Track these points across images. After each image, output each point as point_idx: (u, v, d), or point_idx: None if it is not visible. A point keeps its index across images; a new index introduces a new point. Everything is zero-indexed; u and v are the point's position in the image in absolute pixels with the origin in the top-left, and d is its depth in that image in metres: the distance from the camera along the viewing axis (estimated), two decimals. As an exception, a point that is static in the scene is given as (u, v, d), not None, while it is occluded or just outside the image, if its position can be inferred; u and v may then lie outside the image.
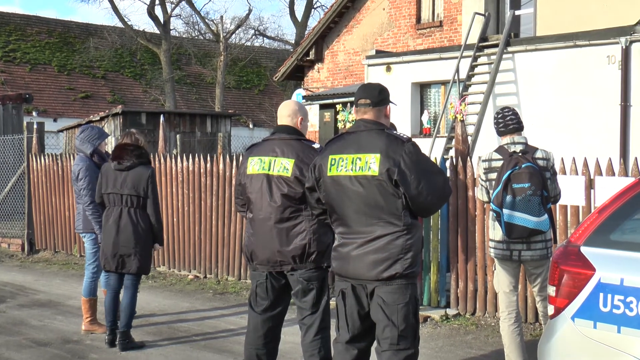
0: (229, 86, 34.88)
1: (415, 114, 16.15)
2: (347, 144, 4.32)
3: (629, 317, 3.56)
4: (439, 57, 15.54)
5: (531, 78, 13.99)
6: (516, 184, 5.40)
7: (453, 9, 18.56)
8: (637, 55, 12.57)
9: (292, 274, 4.94)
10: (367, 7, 20.51)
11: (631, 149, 12.46)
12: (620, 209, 3.94)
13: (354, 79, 20.76)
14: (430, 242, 8.00)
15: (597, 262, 3.78)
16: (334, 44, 21.45)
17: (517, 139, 5.64)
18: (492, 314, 7.54)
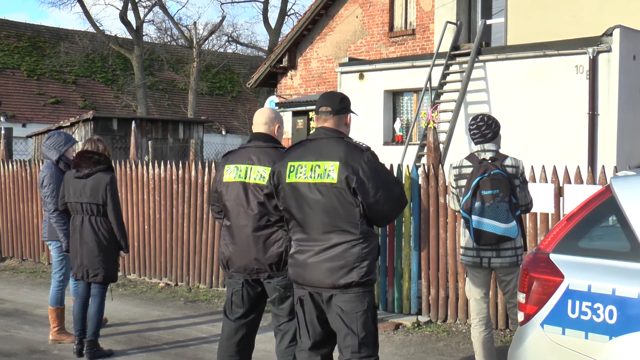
0: (202, 92, 34.78)
1: (387, 121, 16.22)
2: (307, 151, 4.34)
3: (596, 323, 3.60)
4: (412, 65, 15.63)
5: (502, 86, 14.12)
6: (485, 191, 5.45)
7: (425, 18, 18.69)
8: (604, 65, 12.74)
9: (269, 281, 4.93)
10: (340, 14, 20.59)
11: (599, 157, 12.61)
12: (588, 216, 3.98)
13: (327, 86, 20.80)
14: (402, 249, 8.03)
15: (566, 269, 3.82)
16: (307, 51, 21.49)
17: (487, 146, 5.69)
18: (463, 321, 7.58)
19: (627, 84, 12.86)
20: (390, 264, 8.14)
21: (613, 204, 3.86)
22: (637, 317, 3.49)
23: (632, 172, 4.28)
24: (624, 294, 3.55)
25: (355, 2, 20.20)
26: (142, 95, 31.80)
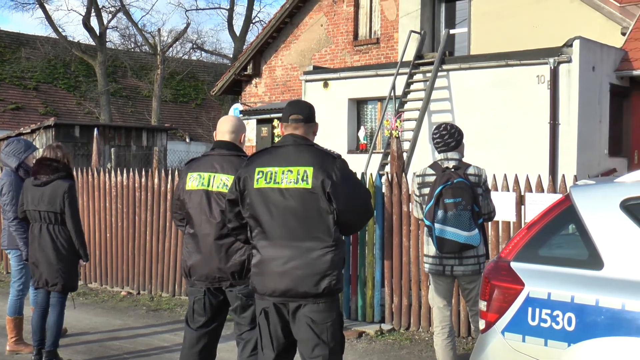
0: (166, 100, 34.55)
1: (352, 129, 16.27)
2: (277, 157, 4.26)
3: (555, 330, 3.64)
4: (376, 73, 15.71)
5: (465, 95, 14.25)
6: (448, 199, 5.49)
7: (390, 27, 18.80)
8: (564, 75, 12.93)
9: (231, 290, 4.91)
10: (305, 23, 20.63)
11: (560, 166, 12.79)
12: (548, 225, 4.02)
13: (291, 94, 20.81)
14: (366, 257, 8.04)
15: (526, 277, 3.85)
16: (272, 59, 21.49)
17: (450, 155, 5.73)
18: (426, 329, 7.61)
19: (587, 94, 13.07)
20: (354, 272, 8.15)
21: (572, 213, 3.91)
22: (594, 323, 3.53)
23: (591, 181, 4.34)
24: (582, 301, 3.60)
25: (320, 11, 20.27)
26: (105, 102, 31.49)
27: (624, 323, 3.47)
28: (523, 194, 7.09)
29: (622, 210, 3.72)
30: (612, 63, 13.94)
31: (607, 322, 3.51)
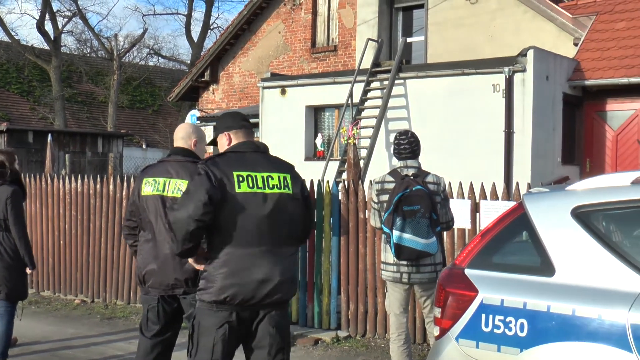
0: (122, 105, 34.21)
1: (309, 137, 16.28)
2: (248, 162, 4.16)
3: (508, 336, 3.68)
4: (333, 81, 15.75)
5: (422, 103, 14.35)
6: (406, 206, 5.53)
7: (347, 35, 18.88)
8: (519, 84, 13.10)
9: (184, 297, 4.88)
10: (263, 30, 20.61)
11: (514, 173, 12.95)
12: (502, 232, 4.07)
13: (249, 101, 20.76)
14: (322, 265, 8.05)
15: (480, 283, 3.89)
16: (230, 65, 21.43)
17: (410, 162, 5.79)
18: (382, 336, 7.64)
19: (541, 103, 13.26)
20: (310, 279, 8.15)
21: (525, 220, 3.96)
22: (546, 329, 3.58)
23: (544, 189, 4.40)
24: (534, 308, 3.64)
25: (278, 18, 20.27)
26: (59, 108, 31.04)
27: (574, 328, 3.52)
28: (478, 201, 7.17)
29: (573, 218, 3.78)
30: (565, 73, 14.17)
31: (558, 327, 3.56)
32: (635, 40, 14.40)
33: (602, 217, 3.85)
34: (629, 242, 3.85)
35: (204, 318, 4.10)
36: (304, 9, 19.76)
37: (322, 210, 8.08)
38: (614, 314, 3.44)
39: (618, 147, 14.33)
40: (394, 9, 18.28)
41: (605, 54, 14.43)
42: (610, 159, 14.41)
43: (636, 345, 3.35)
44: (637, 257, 3.61)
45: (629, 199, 3.76)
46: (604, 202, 3.80)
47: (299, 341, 7.65)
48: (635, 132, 14.06)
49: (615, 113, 14.39)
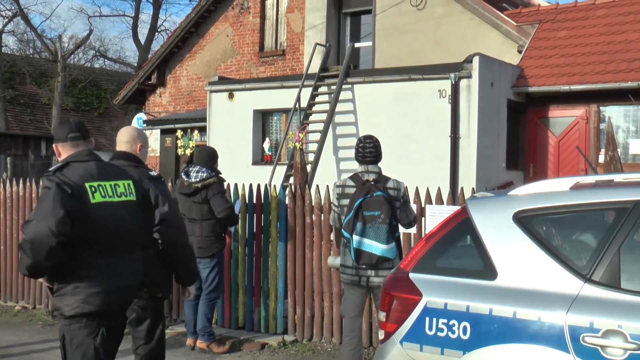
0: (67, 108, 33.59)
1: (257, 141, 16.24)
2: (97, 171, 4.19)
3: (451, 339, 3.73)
4: (281, 85, 15.75)
5: (369, 108, 14.44)
6: (367, 212, 5.59)
7: (296, 39, 18.90)
8: (464, 90, 13.28)
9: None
10: (211, 33, 20.51)
11: (460, 178, 13.11)
12: (446, 236, 4.12)
13: (196, 104, 20.63)
14: (269, 269, 8.03)
15: (424, 287, 3.93)
16: (177, 68, 21.26)
17: (371, 167, 5.86)
18: (328, 340, 7.66)
19: (486, 109, 13.46)
20: (256, 284, 8.13)
21: (468, 225, 4.02)
22: (488, 332, 3.64)
23: (488, 193, 4.47)
24: (477, 311, 3.70)
25: (226, 22, 20.19)
26: (1, 109, 30.36)
27: (515, 331, 3.59)
28: (423, 205, 7.24)
29: (515, 222, 3.85)
30: (509, 79, 14.42)
31: (500, 330, 3.62)
32: (576, 49, 14.73)
33: (542, 222, 3.92)
34: (568, 245, 3.94)
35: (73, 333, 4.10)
36: (252, 13, 19.72)
37: (269, 215, 8.07)
38: (553, 316, 3.52)
39: (560, 152, 14.63)
40: (342, 14, 18.38)
41: (548, 62, 14.73)
42: (553, 165, 14.70)
43: (573, 346, 3.42)
44: (575, 261, 3.69)
45: (567, 203, 3.85)
46: (544, 207, 3.88)
47: (246, 346, 7.62)
48: (576, 139, 14.37)
49: (557, 119, 14.68)
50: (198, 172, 7.28)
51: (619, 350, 3.35)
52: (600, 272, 3.58)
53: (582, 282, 3.58)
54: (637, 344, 3.31)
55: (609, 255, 3.59)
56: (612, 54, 14.15)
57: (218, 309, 8.19)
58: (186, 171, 7.38)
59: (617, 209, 3.72)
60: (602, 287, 3.54)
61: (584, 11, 15.78)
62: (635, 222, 3.63)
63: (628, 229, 3.63)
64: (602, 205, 3.83)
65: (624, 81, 13.39)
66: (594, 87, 13.71)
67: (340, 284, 7.56)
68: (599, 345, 3.39)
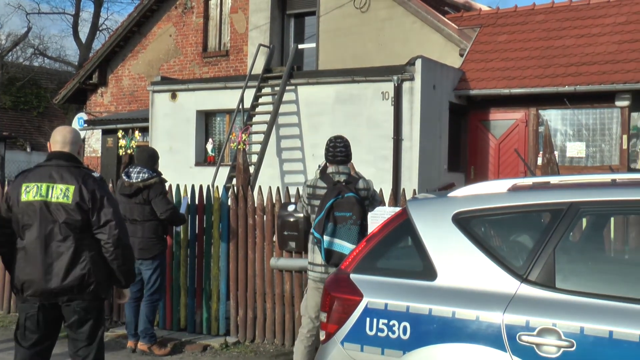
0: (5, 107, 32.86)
1: (200, 142, 16.13)
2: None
3: (391, 339, 3.76)
4: (225, 86, 15.67)
5: (313, 110, 14.47)
6: (338, 212, 5.62)
7: (239, 40, 18.83)
8: (407, 93, 13.41)
9: (68, 304, 4.73)
10: (153, 33, 20.30)
11: (402, 180, 13.23)
12: (386, 237, 4.16)
13: (139, 104, 20.39)
14: (211, 270, 7.99)
15: (365, 288, 3.96)
16: (119, 68, 20.99)
17: (342, 168, 5.89)
18: (270, 341, 7.65)
19: (428, 112, 13.61)
20: (199, 285, 8.08)
21: (409, 226, 4.06)
22: (427, 332, 3.69)
23: (430, 195, 4.52)
24: (416, 311, 3.74)
25: (169, 21, 20.01)
26: (-64, 108, 29.58)
27: (454, 330, 3.64)
28: None
29: (454, 224, 3.91)
30: (451, 82, 14.61)
31: (439, 330, 3.67)
32: (516, 53, 15.01)
33: (481, 223, 3.99)
34: (505, 246, 4.01)
35: None
36: (195, 13, 19.58)
37: (211, 216, 8.03)
38: (491, 315, 3.58)
39: (500, 155, 14.88)
40: (286, 15, 18.38)
41: (489, 65, 14.98)
42: (493, 167, 14.94)
43: (510, 345, 3.49)
44: (512, 261, 3.76)
45: (505, 205, 3.92)
46: (483, 209, 3.95)
47: (187, 347, 7.56)
48: (516, 141, 14.64)
49: (498, 122, 14.94)
50: (139, 172, 7.21)
51: (553, 348, 3.42)
52: (536, 273, 3.64)
53: (519, 282, 3.65)
54: (570, 342, 3.39)
55: (544, 255, 3.66)
56: (550, 59, 14.46)
57: (160, 310, 8.11)
58: (127, 172, 7.31)
59: (552, 210, 3.80)
60: (537, 287, 3.61)
61: (523, 16, 16.09)
62: (569, 224, 3.71)
63: (563, 230, 3.70)
64: (538, 207, 3.91)
65: (561, 85, 13.70)
66: (533, 91, 13.99)
67: (282, 285, 7.57)
68: (534, 343, 3.46)
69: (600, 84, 13.40)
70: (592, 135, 13.96)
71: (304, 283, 7.48)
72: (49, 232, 4.69)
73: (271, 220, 7.65)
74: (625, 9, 15.00)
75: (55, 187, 4.72)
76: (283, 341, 7.57)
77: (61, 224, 4.67)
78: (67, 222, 4.67)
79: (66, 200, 4.66)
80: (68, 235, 4.67)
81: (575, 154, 14.13)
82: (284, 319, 7.57)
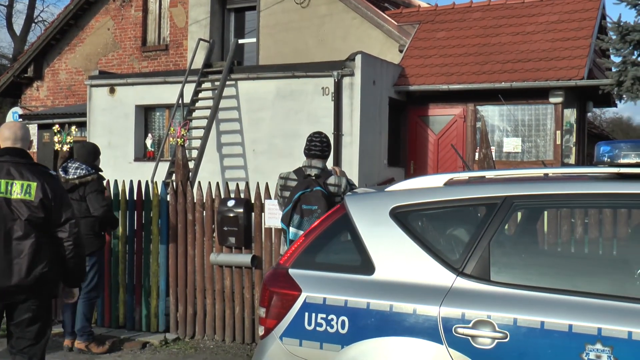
0: None
1: (139, 137, 15.95)
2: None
3: (329, 333, 3.79)
4: (164, 80, 15.52)
5: (253, 105, 14.44)
6: (305, 205, 5.70)
7: (179, 34, 18.66)
8: (347, 88, 13.49)
9: (24, 302, 4.64)
10: (91, 26, 19.96)
11: (343, 175, 13.28)
12: (325, 232, 4.17)
13: (76, 99, 20.04)
14: (150, 267, 7.92)
15: (303, 283, 3.97)
16: (56, 62, 20.58)
17: (314, 163, 5.96)
18: (211, 337, 7.62)
19: (368, 107, 13.71)
20: (137, 282, 7.99)
21: (347, 220, 4.08)
22: (365, 326, 3.72)
23: (369, 189, 4.56)
24: (354, 305, 3.77)
25: (107, 14, 19.70)
26: None
27: (392, 324, 3.68)
28: (263, 201, 7.31)
29: (391, 218, 3.94)
30: (391, 78, 14.74)
31: (377, 323, 3.70)
32: (454, 50, 15.23)
33: (417, 217, 4.03)
34: (442, 240, 4.07)
35: None
36: (134, 6, 19.32)
37: (150, 212, 7.95)
38: (427, 308, 3.63)
39: (439, 150, 15.08)
40: (226, 9, 18.29)
41: (428, 61, 15.16)
42: (432, 162, 15.14)
43: (446, 337, 3.55)
44: (448, 255, 3.82)
45: (441, 199, 3.97)
46: (420, 203, 3.99)
47: (126, 345, 7.48)
48: (455, 137, 14.86)
49: (436, 118, 15.13)
50: (77, 168, 7.10)
51: (487, 339, 3.49)
52: (471, 266, 3.70)
53: (455, 275, 3.70)
54: (504, 333, 3.46)
55: (479, 249, 3.73)
56: (487, 56, 14.71)
57: (98, 308, 8.01)
58: (64, 167, 7.18)
59: (487, 204, 3.87)
60: (473, 280, 3.67)
61: (461, 13, 16.33)
62: (504, 217, 3.79)
63: (497, 224, 3.77)
64: (473, 201, 3.97)
65: (497, 82, 13.96)
66: (471, 87, 14.22)
67: (222, 280, 7.54)
68: (470, 335, 3.52)
69: (535, 80, 13.70)
70: (527, 130, 14.25)
71: (245, 279, 7.47)
72: (9, 229, 4.59)
73: (211, 216, 7.61)
74: (558, 8, 15.36)
75: (15, 183, 4.63)
76: (223, 337, 7.55)
77: (24, 221, 4.59)
78: (29, 220, 4.59)
79: (29, 197, 4.60)
80: (29, 232, 4.59)
81: (512, 149, 14.41)
82: (224, 315, 7.55)
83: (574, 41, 14.29)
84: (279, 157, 13.72)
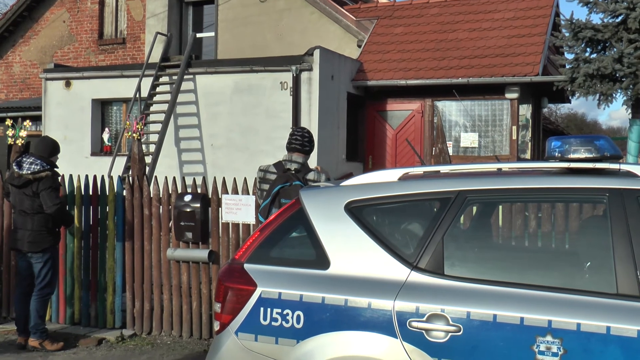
0: None
1: (95, 131, 15.76)
2: None
3: (285, 328, 3.79)
4: (121, 74, 15.36)
5: (211, 99, 14.37)
6: (284, 199, 5.74)
7: (136, 27, 18.47)
8: (305, 83, 13.49)
9: None
10: (46, 18, 19.65)
11: (302, 170, 13.29)
12: (280, 226, 4.17)
13: (31, 92, 19.73)
14: (106, 262, 7.84)
15: (259, 278, 3.97)
16: (9, 54, 20.22)
17: (295, 157, 5.99)
18: (168, 333, 7.57)
19: (326, 102, 13.73)
20: (93, 278, 7.91)
21: (302, 215, 4.08)
22: (320, 320, 3.73)
23: (323, 184, 4.57)
24: (310, 300, 3.78)
25: (63, 7, 19.41)
26: None
27: (347, 318, 3.70)
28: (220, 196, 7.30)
29: (346, 212, 3.96)
30: (349, 73, 14.77)
31: (332, 318, 3.72)
32: (412, 45, 15.32)
33: (372, 212, 4.05)
34: (397, 234, 4.09)
35: None
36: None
37: (106, 207, 7.86)
38: (382, 303, 3.65)
39: (397, 145, 15.17)
40: (184, 3, 18.15)
41: (386, 57, 15.23)
42: (390, 157, 15.22)
43: (400, 331, 3.58)
44: (403, 249, 3.85)
45: (396, 194, 4.00)
46: (374, 197, 4.01)
47: (82, 342, 7.40)
48: (413, 132, 14.96)
49: (395, 113, 15.22)
50: (31, 164, 6.99)
51: (441, 333, 3.52)
52: (425, 260, 3.74)
53: (409, 269, 3.73)
54: (457, 327, 3.50)
55: (433, 243, 3.76)
56: (445, 51, 14.83)
57: (52, 304, 7.91)
58: (18, 161, 7.06)
59: (441, 199, 3.90)
60: (427, 274, 3.70)
61: (419, 9, 16.43)
62: (457, 212, 3.83)
63: (451, 218, 3.81)
64: (427, 195, 4.00)
65: (454, 77, 14.08)
66: (428, 82, 14.32)
67: (179, 276, 7.50)
68: (424, 329, 3.55)
69: (492, 76, 13.85)
70: (484, 126, 14.41)
71: (202, 274, 7.44)
72: None
73: (167, 211, 7.56)
74: (513, 5, 15.55)
75: None
76: (180, 332, 7.51)
77: None
78: None
79: None
80: None
81: (469, 144, 14.56)
82: (182, 310, 7.51)
83: (529, 38, 14.48)
84: (236, 151, 13.68)
